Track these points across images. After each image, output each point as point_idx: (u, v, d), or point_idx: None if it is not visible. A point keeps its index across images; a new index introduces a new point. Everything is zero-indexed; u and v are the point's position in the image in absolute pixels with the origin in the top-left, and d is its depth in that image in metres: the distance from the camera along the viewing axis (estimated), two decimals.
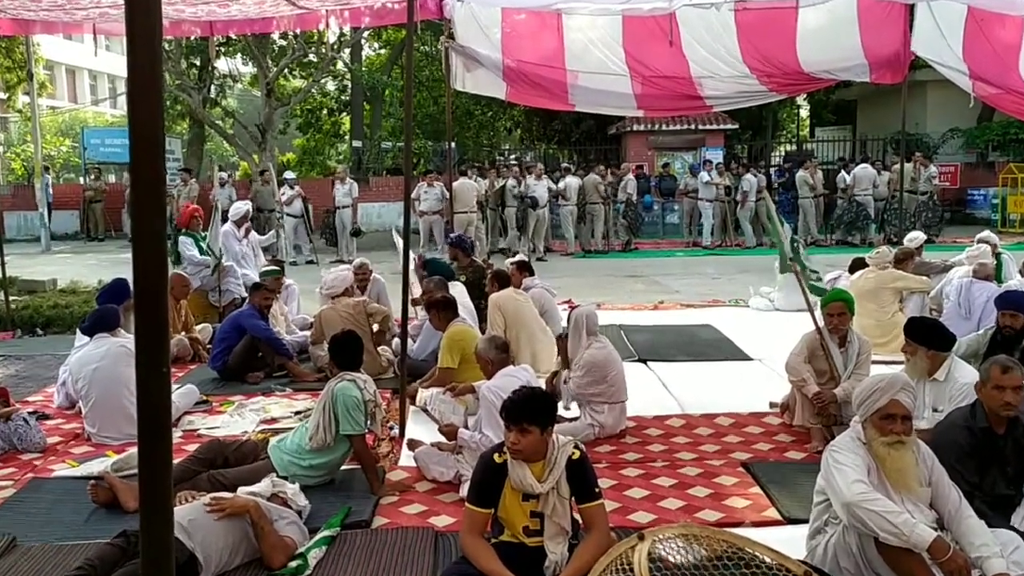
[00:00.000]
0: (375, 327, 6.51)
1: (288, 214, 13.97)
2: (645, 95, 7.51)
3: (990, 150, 20.89)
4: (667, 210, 18.64)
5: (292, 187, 14.71)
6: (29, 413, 5.13)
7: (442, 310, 5.67)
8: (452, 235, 8.36)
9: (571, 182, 15.37)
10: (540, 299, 6.86)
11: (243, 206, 9.27)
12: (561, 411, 4.89)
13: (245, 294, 7.69)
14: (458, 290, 6.64)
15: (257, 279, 7.42)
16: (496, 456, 3.14)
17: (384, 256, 13.83)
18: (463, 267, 7.66)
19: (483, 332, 5.94)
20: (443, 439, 4.45)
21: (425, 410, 5.29)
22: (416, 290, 7.26)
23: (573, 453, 3.10)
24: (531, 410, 3.05)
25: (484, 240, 14.58)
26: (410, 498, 4.11)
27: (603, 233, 15.62)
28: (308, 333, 7.01)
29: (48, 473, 4.53)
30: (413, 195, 14.12)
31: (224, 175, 16.43)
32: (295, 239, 14.67)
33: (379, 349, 6.52)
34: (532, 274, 7.30)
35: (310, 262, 14.42)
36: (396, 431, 5.08)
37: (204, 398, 5.79)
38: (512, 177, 15.39)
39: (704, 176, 15.95)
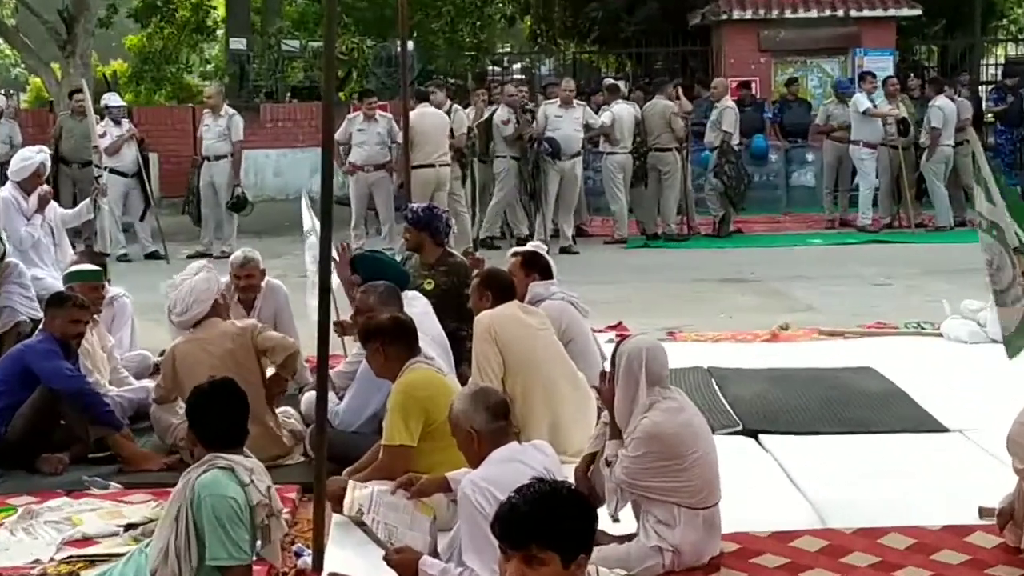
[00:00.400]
0: (270, 372, 6.53)
1: (114, 170, 14.00)
2: None
3: None
4: (795, 162, 18.67)
5: (119, 122, 14.70)
6: None
7: (390, 342, 5.69)
8: (411, 207, 8.38)
9: (622, 112, 15.40)
10: (561, 320, 6.87)
11: (35, 156, 9.29)
12: (604, 522, 4.89)
13: (39, 314, 7.71)
14: (419, 307, 6.67)
15: (60, 286, 7.43)
16: None
17: (287, 245, 13.83)
18: (430, 265, 7.69)
19: (464, 382, 5.94)
20: (393, 574, 4.46)
21: (361, 523, 5.29)
22: (345, 307, 7.26)
23: None
24: (547, 523, 3.07)
25: (466, 217, 14.59)
26: None
27: (679, 204, 15.68)
28: (151, 384, 7.02)
29: None
30: (339, 135, 14.16)
31: (3, 100, 16.47)
32: (125, 215, 14.69)
33: (278, 413, 6.55)
34: (550, 276, 7.32)
35: (154, 255, 14.46)
36: (307, 560, 5.10)
37: None
38: (505, 104, 15.18)
39: (862, 101, 15.97)
